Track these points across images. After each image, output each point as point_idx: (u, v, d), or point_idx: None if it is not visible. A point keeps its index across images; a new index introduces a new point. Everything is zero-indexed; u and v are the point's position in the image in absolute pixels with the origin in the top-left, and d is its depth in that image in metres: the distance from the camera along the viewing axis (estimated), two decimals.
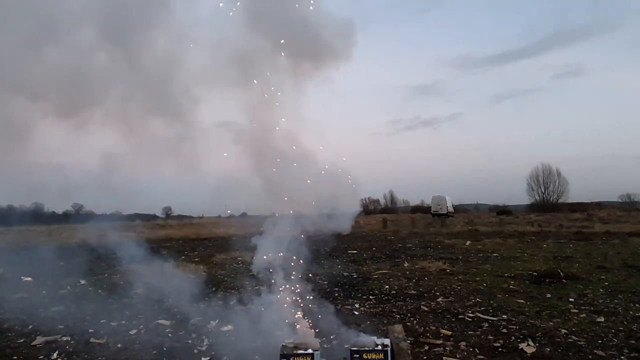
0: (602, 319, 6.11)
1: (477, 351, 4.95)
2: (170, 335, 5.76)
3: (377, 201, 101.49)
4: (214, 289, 8.85)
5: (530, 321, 6.07)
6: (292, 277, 5.31)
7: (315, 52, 5.29)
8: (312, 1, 4.90)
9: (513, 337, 5.39)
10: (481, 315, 6.43)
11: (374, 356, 4.21)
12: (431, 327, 5.89)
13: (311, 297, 7.86)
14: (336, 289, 8.82)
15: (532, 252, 14.63)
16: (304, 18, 5.01)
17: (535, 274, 9.72)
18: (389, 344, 4.39)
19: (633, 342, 5.18)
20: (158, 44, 5.61)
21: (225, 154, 5.53)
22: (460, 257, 13.64)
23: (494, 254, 14.09)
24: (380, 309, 7.01)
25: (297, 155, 5.14)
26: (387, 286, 8.86)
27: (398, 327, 5.19)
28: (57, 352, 5.15)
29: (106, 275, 10.44)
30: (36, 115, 5.76)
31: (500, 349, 5.00)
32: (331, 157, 5.88)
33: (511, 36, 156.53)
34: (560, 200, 68.15)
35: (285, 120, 5.15)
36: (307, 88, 5.47)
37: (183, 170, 6.27)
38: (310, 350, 4.25)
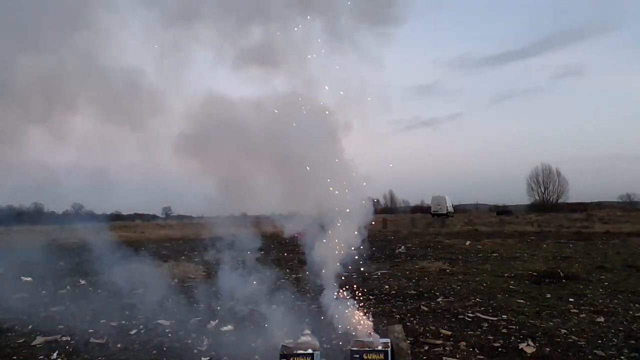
0: (602, 319, 6.11)
1: (477, 351, 4.94)
2: (170, 335, 5.75)
3: (377, 201, 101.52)
4: (213, 288, 8.84)
5: (530, 321, 6.07)
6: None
7: None
8: None
9: (513, 337, 5.38)
10: (481, 315, 6.43)
11: (374, 356, 4.21)
12: (431, 327, 5.88)
13: (311, 297, 7.87)
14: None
15: (532, 252, 14.63)
16: None
17: (535, 274, 9.72)
18: (389, 344, 4.39)
19: (633, 342, 5.18)
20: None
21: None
22: (460, 257, 13.64)
23: (494, 254, 14.09)
24: (380, 309, 7.00)
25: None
26: (387, 286, 8.86)
27: (398, 327, 5.19)
28: (57, 352, 5.15)
29: (106, 275, 10.42)
30: (26, 116, 5.79)
31: (500, 349, 5.00)
32: None
33: (511, 36, 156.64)
34: (560, 201, 68.25)
35: None
36: None
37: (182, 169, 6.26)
38: (310, 350, 4.25)
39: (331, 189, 4.92)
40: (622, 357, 4.72)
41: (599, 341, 5.22)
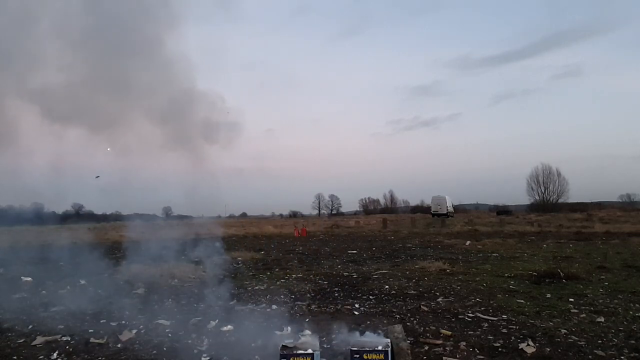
0: (602, 319, 6.11)
1: (477, 351, 4.94)
2: (170, 335, 5.75)
3: (377, 201, 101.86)
4: (213, 288, 8.85)
5: (530, 321, 6.07)
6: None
7: None
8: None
9: (513, 337, 5.38)
10: (481, 315, 6.43)
11: (374, 356, 4.21)
12: (431, 327, 5.88)
13: (311, 297, 7.87)
14: (336, 289, 8.81)
15: (532, 252, 14.63)
16: None
17: (535, 274, 9.72)
18: (389, 344, 4.39)
19: (633, 342, 5.18)
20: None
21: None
22: (460, 257, 13.64)
23: (494, 254, 14.09)
24: (380, 309, 7.00)
25: None
26: (387, 286, 8.86)
27: (398, 327, 5.18)
28: (57, 352, 5.15)
29: (106, 275, 10.44)
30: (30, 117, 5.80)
31: (500, 349, 5.00)
32: None
33: (510, 36, 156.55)
34: (560, 200, 68.25)
35: None
36: None
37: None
38: (310, 350, 4.25)
39: None
40: (622, 357, 4.72)
41: (599, 341, 5.22)
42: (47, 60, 5.63)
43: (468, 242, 18.28)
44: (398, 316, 6.52)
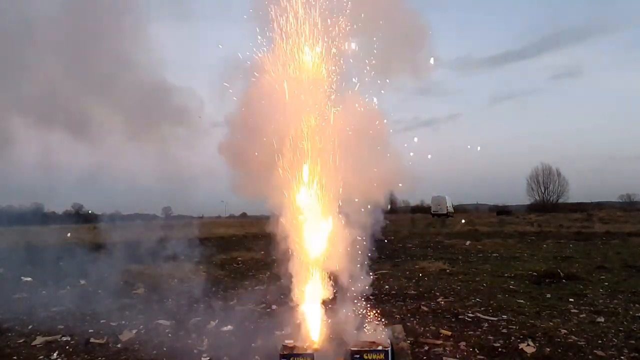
0: (602, 319, 6.11)
1: (477, 351, 4.95)
2: (170, 335, 5.76)
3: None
4: (213, 289, 8.85)
5: (530, 321, 6.07)
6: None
7: None
8: None
9: (513, 337, 5.38)
10: (481, 315, 6.43)
11: (374, 356, 4.21)
12: (431, 327, 5.88)
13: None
14: (336, 289, 8.80)
15: (532, 252, 14.62)
16: None
17: (535, 274, 9.72)
18: (389, 344, 4.39)
19: (633, 342, 5.18)
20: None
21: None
22: (460, 257, 13.63)
23: (494, 254, 14.08)
24: (380, 309, 7.00)
25: None
26: (387, 286, 8.85)
27: (398, 327, 5.19)
28: (57, 352, 5.15)
29: (106, 275, 10.43)
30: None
31: (500, 349, 5.00)
32: None
33: (510, 37, 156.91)
34: (560, 201, 68.11)
35: None
36: None
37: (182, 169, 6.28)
38: (310, 351, 4.25)
39: None
40: (622, 357, 4.72)
41: (599, 341, 5.22)
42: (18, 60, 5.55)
43: (468, 242, 18.26)
44: (398, 316, 6.51)
